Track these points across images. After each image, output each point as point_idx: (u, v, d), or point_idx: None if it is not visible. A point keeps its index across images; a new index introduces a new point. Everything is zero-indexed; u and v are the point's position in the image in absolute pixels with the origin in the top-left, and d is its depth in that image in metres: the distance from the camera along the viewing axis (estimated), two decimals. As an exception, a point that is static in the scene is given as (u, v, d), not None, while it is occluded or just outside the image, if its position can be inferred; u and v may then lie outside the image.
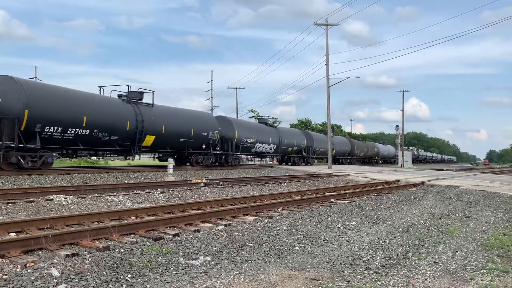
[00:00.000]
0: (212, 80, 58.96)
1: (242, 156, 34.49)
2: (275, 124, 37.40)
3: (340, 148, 48.95)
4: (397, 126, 62.89)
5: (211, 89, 59.03)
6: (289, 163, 38.73)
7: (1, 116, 15.73)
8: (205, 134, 25.97)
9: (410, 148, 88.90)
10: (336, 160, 49.46)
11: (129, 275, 4.55)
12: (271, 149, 34.43)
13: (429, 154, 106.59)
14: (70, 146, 18.57)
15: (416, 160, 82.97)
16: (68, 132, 17.86)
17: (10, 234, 6.05)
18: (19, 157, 16.07)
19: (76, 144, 18.57)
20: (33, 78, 50.60)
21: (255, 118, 37.18)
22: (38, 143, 16.50)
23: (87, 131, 18.65)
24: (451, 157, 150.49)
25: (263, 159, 48.68)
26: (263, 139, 32.93)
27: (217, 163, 27.85)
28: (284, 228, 7.54)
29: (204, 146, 26.05)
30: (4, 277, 4.19)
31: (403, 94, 61.00)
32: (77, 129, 18.18)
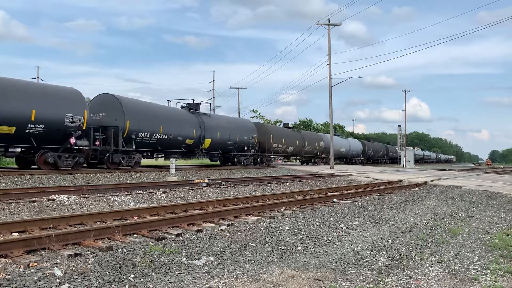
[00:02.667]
0: (214, 80, 59.03)
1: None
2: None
3: (237, 138, 28.62)
4: (399, 126, 62.86)
5: (213, 89, 59.11)
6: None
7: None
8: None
9: (392, 145, 75.49)
10: (226, 161, 30.33)
11: (132, 275, 4.55)
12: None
13: (419, 152, 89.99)
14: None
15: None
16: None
17: (13, 234, 6.06)
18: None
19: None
20: (35, 78, 50.76)
21: None
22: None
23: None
24: (449, 157, 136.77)
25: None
26: None
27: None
28: (287, 228, 7.53)
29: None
30: (7, 276, 4.19)
31: (405, 94, 60.95)
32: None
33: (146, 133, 21.65)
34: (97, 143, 19.18)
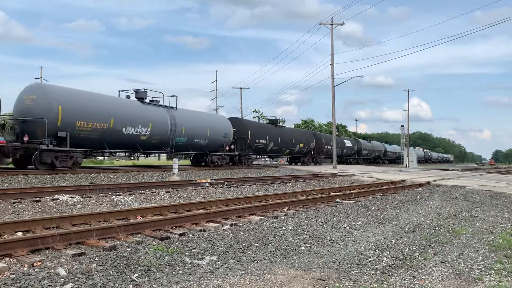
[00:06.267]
0: (216, 80, 59.07)
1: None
2: None
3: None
4: (402, 126, 62.64)
5: (216, 89, 59.08)
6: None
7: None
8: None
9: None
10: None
11: (136, 275, 4.56)
12: None
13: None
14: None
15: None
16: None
17: (17, 233, 6.08)
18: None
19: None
20: (38, 78, 50.83)
21: None
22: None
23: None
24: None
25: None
26: None
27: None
28: (290, 228, 7.52)
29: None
30: (11, 276, 4.20)
31: (408, 94, 60.79)
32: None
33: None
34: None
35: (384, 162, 65.91)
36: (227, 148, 27.88)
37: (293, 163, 40.54)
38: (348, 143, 52.17)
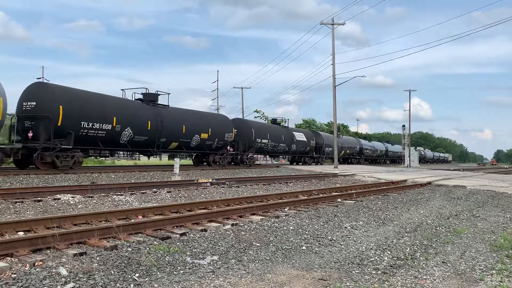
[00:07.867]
0: (218, 80, 59.15)
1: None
2: None
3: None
4: (403, 126, 62.56)
5: (217, 89, 59.12)
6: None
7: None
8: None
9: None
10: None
11: (137, 274, 4.56)
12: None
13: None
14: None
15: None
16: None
17: (18, 233, 6.09)
18: None
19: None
20: (40, 78, 50.91)
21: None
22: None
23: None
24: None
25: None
26: None
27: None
28: (291, 228, 7.52)
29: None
30: (13, 275, 4.21)
31: (409, 94, 60.82)
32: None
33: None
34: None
35: (359, 162, 55.97)
36: None
37: (202, 163, 27.54)
38: (300, 136, 38.56)
